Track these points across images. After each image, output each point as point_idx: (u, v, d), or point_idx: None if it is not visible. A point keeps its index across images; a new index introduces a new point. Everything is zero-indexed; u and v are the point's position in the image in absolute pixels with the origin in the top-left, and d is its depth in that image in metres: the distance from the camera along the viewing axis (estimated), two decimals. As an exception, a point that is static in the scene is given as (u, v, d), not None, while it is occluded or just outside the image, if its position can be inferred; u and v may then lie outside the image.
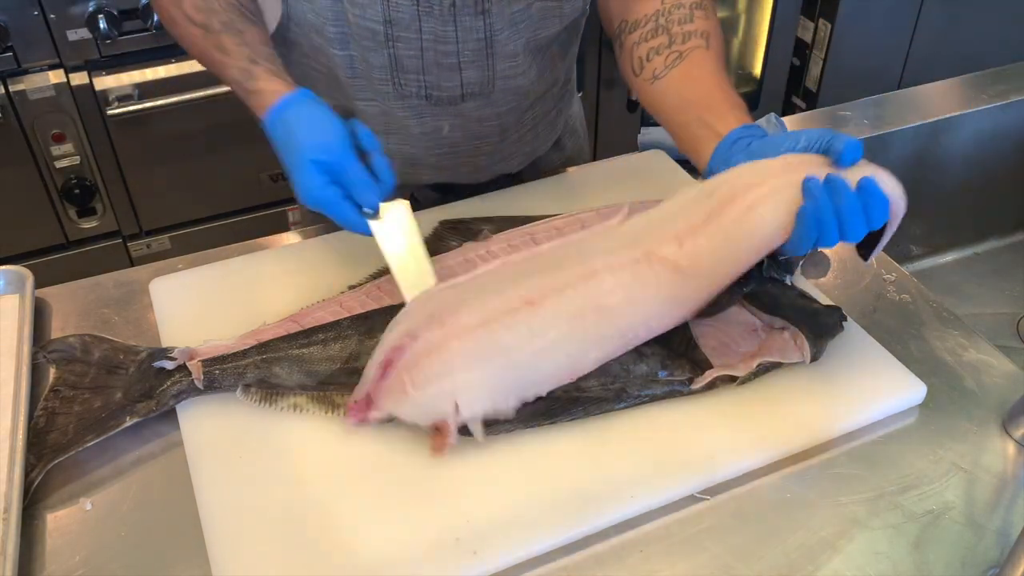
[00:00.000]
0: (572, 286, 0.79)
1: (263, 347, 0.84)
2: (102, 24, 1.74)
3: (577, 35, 1.09)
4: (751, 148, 0.82)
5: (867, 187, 0.74)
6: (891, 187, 0.76)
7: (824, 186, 0.75)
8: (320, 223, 1.21)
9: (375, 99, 1.01)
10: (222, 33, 0.91)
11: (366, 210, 0.84)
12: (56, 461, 0.78)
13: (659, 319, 0.81)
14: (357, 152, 0.84)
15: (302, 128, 0.84)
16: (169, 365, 0.83)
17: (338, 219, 0.84)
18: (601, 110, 2.22)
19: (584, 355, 0.80)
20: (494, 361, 0.77)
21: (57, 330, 0.94)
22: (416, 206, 1.17)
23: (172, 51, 1.86)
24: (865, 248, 0.81)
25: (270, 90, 0.87)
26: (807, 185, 0.75)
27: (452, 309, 0.78)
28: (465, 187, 1.14)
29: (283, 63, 0.92)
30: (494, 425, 0.81)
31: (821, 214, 0.74)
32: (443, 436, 0.76)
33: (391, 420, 0.79)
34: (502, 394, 0.78)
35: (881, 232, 0.78)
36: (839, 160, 0.76)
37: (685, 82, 0.91)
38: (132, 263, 2.05)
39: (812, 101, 2.41)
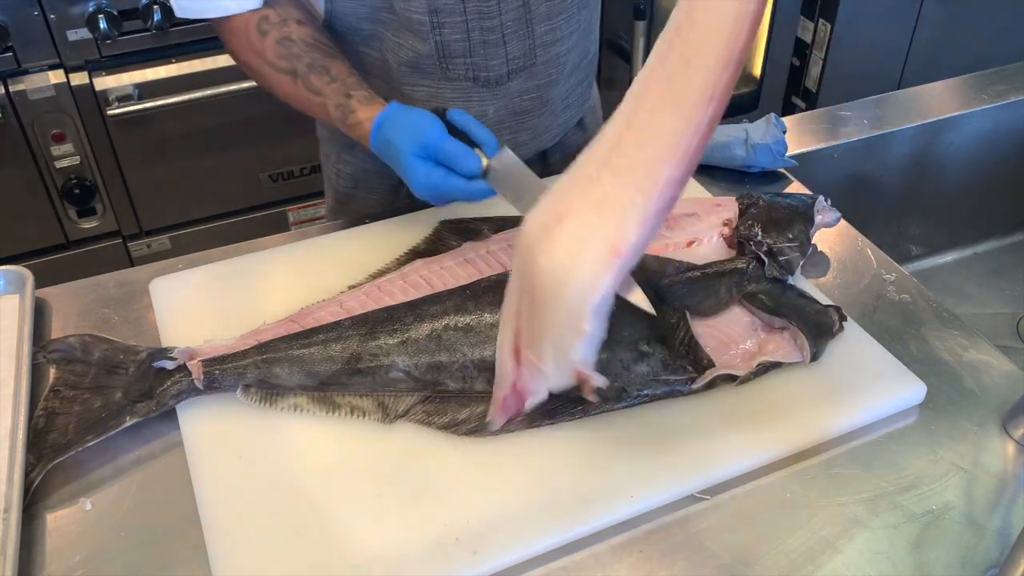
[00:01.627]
0: None
1: (263, 347, 0.84)
2: (102, 24, 1.74)
3: (598, 8, 1.14)
4: None
5: None
6: None
7: None
8: (341, 217, 1.22)
9: (424, 84, 1.05)
10: (310, 75, 0.96)
11: (473, 176, 0.89)
12: (56, 461, 0.78)
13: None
14: (452, 132, 0.90)
15: (398, 133, 0.89)
16: (169, 365, 0.83)
17: (454, 195, 0.89)
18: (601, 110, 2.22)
19: None
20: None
21: (57, 330, 0.94)
22: None
23: (172, 51, 1.86)
24: None
25: (368, 118, 0.93)
26: None
27: None
28: None
29: (339, 50, 0.98)
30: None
31: None
32: (588, 384, 0.70)
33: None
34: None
35: None
36: None
37: None
38: (132, 263, 2.05)
39: (812, 101, 2.41)
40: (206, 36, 1.86)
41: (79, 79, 1.80)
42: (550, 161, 1.24)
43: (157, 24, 1.78)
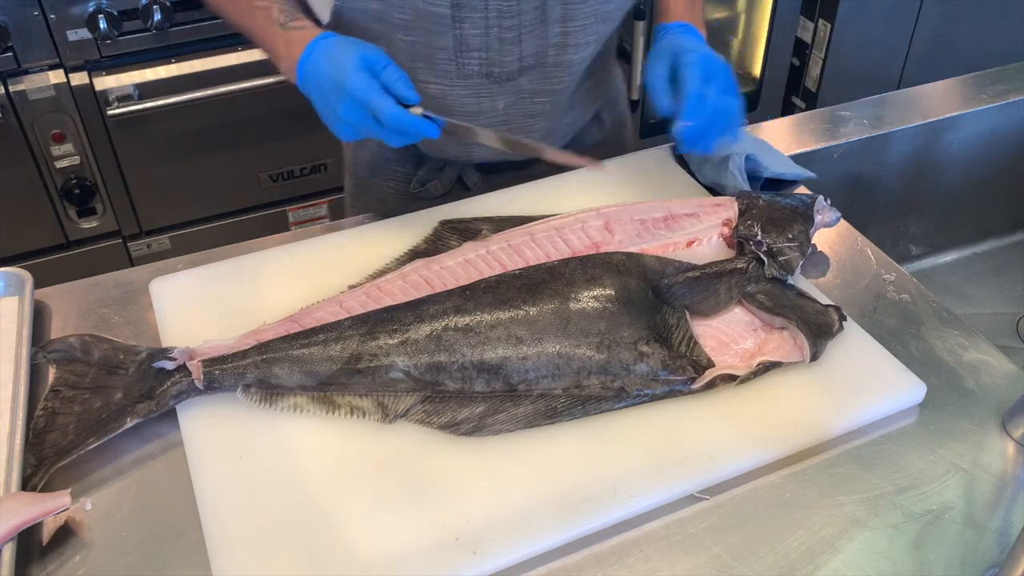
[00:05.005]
0: None
1: (263, 347, 0.84)
2: (102, 24, 1.74)
3: (619, 25, 1.15)
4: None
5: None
6: None
7: None
8: (360, 207, 1.21)
9: (435, 80, 1.06)
10: None
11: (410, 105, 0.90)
12: (58, 466, 0.78)
13: None
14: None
15: (342, 47, 0.90)
16: (169, 365, 0.83)
17: (388, 118, 0.88)
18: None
19: None
20: None
21: (57, 330, 0.94)
22: (462, 188, 1.20)
23: (172, 51, 1.86)
24: None
25: (310, 30, 0.94)
26: None
27: None
28: (509, 166, 1.19)
29: None
30: (494, 425, 0.81)
31: None
32: None
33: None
34: None
35: None
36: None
37: None
38: (132, 263, 2.05)
39: (812, 101, 2.41)
40: (206, 36, 1.86)
41: (79, 79, 1.80)
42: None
43: (157, 24, 1.78)
